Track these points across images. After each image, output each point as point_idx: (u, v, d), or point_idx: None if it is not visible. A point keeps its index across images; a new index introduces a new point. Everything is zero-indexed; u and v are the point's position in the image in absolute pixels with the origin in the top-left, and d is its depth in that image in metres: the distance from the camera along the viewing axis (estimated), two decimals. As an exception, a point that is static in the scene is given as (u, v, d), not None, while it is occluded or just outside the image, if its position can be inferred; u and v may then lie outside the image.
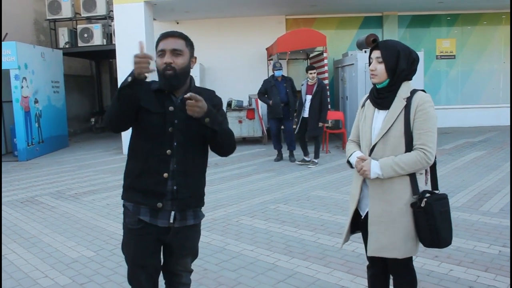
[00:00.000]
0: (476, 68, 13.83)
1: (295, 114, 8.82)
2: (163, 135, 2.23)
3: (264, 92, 8.88)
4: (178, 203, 2.28)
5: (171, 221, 2.27)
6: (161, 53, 2.22)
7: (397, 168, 2.32)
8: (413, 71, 2.45)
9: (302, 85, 8.58)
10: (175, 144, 2.25)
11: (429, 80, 13.32)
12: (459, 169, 7.65)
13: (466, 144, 10.18)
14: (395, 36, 13.46)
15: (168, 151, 2.24)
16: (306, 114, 8.35)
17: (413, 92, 2.40)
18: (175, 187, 2.25)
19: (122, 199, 2.38)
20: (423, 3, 12.25)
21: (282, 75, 8.88)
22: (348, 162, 2.63)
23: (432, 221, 2.33)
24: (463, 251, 4.07)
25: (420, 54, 9.21)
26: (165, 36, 2.25)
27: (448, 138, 11.06)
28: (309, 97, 8.33)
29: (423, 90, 2.44)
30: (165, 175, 2.24)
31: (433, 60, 13.71)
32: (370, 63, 2.47)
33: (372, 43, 8.98)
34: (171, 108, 2.26)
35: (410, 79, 2.45)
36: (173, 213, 2.27)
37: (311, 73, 8.33)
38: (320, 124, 8.25)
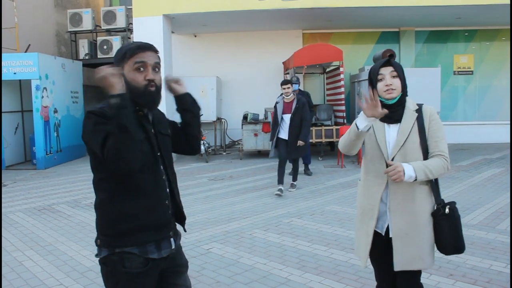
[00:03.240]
0: (494, 84, 13.70)
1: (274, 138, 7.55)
2: (156, 161, 2.06)
3: None
4: (176, 226, 2.21)
5: (173, 246, 2.14)
6: (142, 66, 1.99)
7: (427, 172, 2.35)
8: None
9: (277, 103, 7.56)
10: (162, 167, 2.10)
11: (446, 95, 13.23)
12: (476, 186, 7.55)
13: (484, 161, 10.05)
14: (412, 51, 13.43)
15: (164, 177, 2.10)
16: (283, 135, 7.37)
17: (420, 105, 2.50)
18: (170, 211, 2.12)
19: (117, 247, 1.99)
20: (441, 19, 12.21)
21: (299, 89, 8.93)
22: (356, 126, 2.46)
23: (455, 227, 2.41)
24: (479, 270, 4.01)
25: (437, 70, 9.29)
26: (144, 49, 2.01)
27: (465, 155, 10.94)
28: (287, 116, 7.33)
29: (422, 104, 2.55)
30: (167, 202, 2.11)
31: (450, 75, 13.62)
32: (377, 81, 2.44)
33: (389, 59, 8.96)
34: (153, 131, 2.09)
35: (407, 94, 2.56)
36: (172, 238, 2.14)
37: (284, 88, 7.33)
38: (300, 143, 7.29)
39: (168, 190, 2.12)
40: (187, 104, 2.24)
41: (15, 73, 10.19)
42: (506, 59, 13.53)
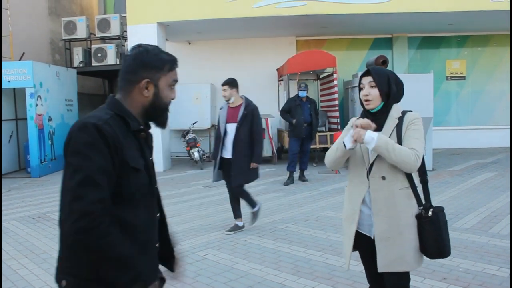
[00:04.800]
0: (487, 89, 13.81)
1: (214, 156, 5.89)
2: (152, 195, 1.75)
3: (288, 110, 8.93)
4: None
5: None
6: (174, 85, 1.77)
7: (389, 145, 2.35)
8: (402, 94, 2.57)
9: (221, 108, 5.78)
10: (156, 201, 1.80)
11: (439, 101, 13.31)
12: (469, 190, 7.61)
13: (477, 165, 10.12)
14: (405, 57, 13.54)
15: (158, 214, 1.80)
16: (227, 153, 5.56)
17: (404, 112, 2.53)
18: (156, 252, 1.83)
19: None
20: (433, 25, 12.33)
21: (307, 96, 8.99)
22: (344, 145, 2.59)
23: (439, 230, 2.42)
24: (472, 274, 4.05)
25: (430, 76, 9.36)
26: (177, 65, 1.81)
27: (459, 159, 11.01)
28: (232, 126, 5.51)
29: (410, 111, 2.56)
30: (157, 245, 1.80)
31: (443, 81, 13.72)
32: (360, 90, 2.54)
33: (382, 64, 9.05)
34: (151, 158, 1.79)
35: (399, 101, 2.57)
36: (157, 282, 1.82)
37: (223, 89, 5.55)
38: (253, 166, 5.52)
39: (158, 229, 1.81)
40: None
41: (9, 81, 10.18)
42: (498, 64, 13.67)
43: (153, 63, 1.71)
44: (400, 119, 2.49)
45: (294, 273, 4.24)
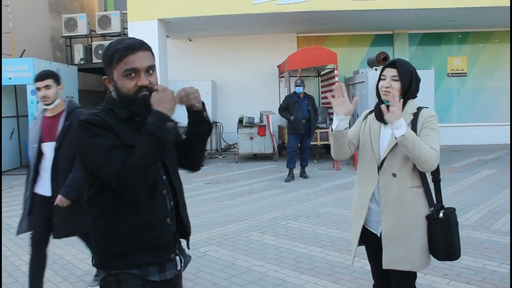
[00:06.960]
0: (488, 85, 13.81)
1: None
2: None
3: (286, 108, 8.92)
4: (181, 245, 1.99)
5: (179, 267, 1.91)
6: (132, 73, 1.73)
7: (416, 140, 2.26)
8: (418, 90, 2.53)
9: (34, 119, 3.89)
10: (165, 178, 1.88)
11: (440, 97, 13.30)
12: (470, 187, 7.61)
13: (478, 162, 10.12)
14: (406, 54, 13.52)
15: (164, 191, 1.86)
16: (44, 188, 3.57)
17: (420, 109, 2.48)
18: (172, 230, 1.88)
19: (113, 269, 1.78)
20: (434, 22, 12.32)
21: (304, 93, 8.96)
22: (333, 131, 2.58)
23: (449, 233, 2.36)
24: (472, 270, 4.05)
25: (431, 72, 9.35)
26: (134, 49, 1.73)
27: (459, 156, 11.01)
28: (49, 146, 3.52)
29: (425, 107, 2.51)
30: (168, 220, 1.86)
31: (444, 77, 13.72)
32: (380, 80, 2.48)
33: (383, 61, 9.05)
34: None
35: (416, 97, 2.52)
36: (177, 257, 1.91)
37: (44, 86, 3.76)
38: (59, 201, 3.36)
39: (172, 204, 1.89)
40: (198, 127, 2.03)
41: (10, 78, 10.19)
42: (499, 60, 13.65)
43: (105, 59, 1.79)
44: (415, 115, 2.43)
45: (296, 269, 4.25)
